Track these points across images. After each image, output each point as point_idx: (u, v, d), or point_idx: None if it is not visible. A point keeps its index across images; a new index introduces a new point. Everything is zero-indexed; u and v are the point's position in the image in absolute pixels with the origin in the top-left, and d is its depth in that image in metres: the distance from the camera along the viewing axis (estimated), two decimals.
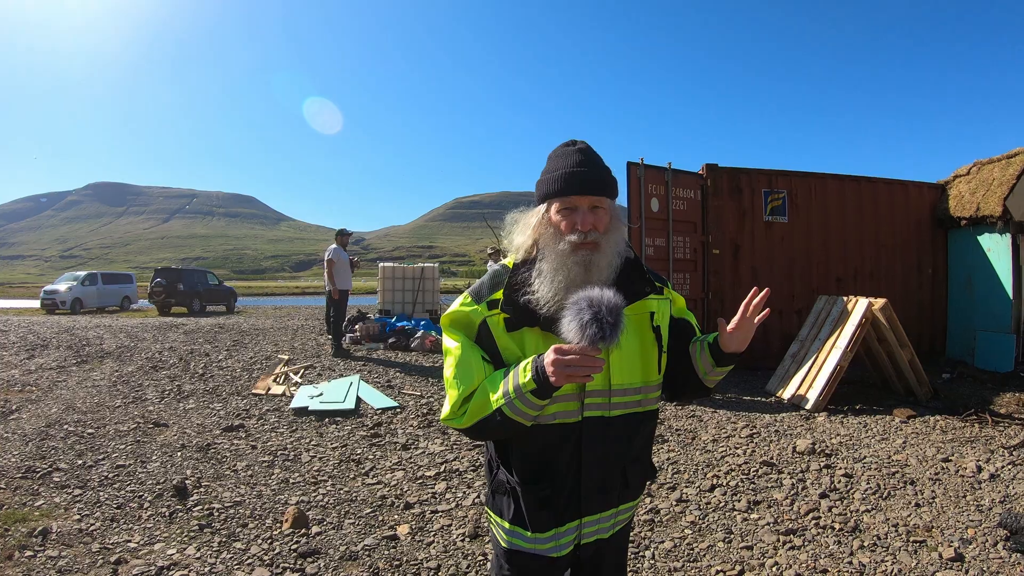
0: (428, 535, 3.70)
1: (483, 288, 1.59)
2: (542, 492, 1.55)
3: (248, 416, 6.26)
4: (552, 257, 1.50)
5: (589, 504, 1.58)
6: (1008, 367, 8.75)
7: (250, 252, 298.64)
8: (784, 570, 3.35)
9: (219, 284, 24.91)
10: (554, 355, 1.33)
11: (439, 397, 7.18)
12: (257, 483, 4.47)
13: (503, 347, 1.52)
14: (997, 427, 6.21)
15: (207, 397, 7.05)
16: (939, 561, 3.45)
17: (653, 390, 1.63)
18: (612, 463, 1.59)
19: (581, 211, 1.50)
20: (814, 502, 4.26)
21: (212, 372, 8.46)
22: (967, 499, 4.35)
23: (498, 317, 1.52)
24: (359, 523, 3.85)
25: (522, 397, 1.38)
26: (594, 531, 1.63)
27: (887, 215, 10.03)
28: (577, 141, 1.59)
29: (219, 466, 4.82)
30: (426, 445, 5.43)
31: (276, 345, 11.23)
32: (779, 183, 9.48)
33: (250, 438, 5.55)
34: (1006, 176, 9.14)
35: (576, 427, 1.53)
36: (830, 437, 5.83)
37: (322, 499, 4.20)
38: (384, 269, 15.70)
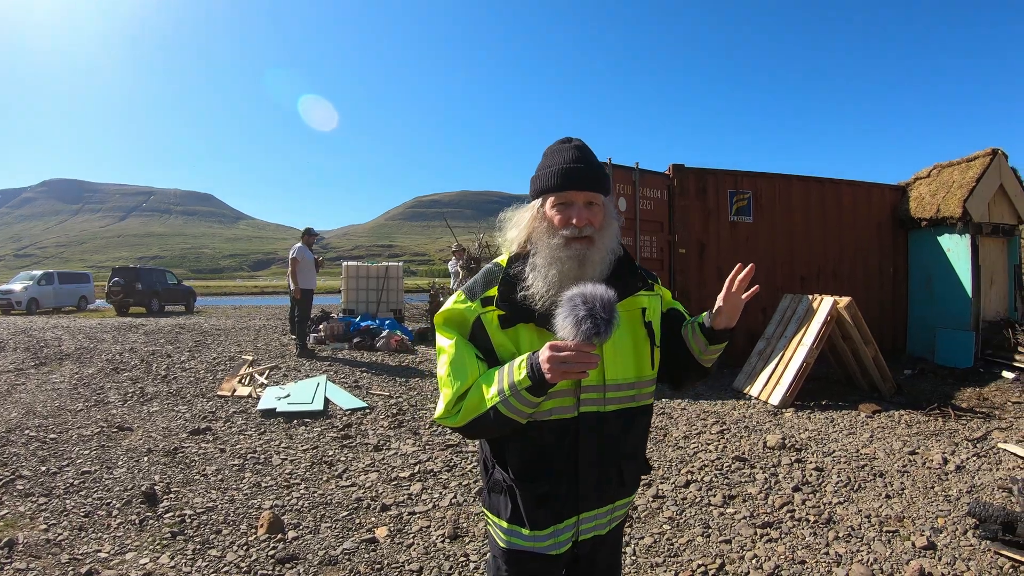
0: (407, 537, 3.64)
1: (476, 286, 1.59)
2: (540, 489, 1.54)
3: (215, 418, 6.11)
4: (545, 251, 1.51)
5: (587, 500, 1.58)
6: (968, 363, 9.03)
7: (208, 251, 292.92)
8: (764, 562, 3.39)
9: (178, 283, 24.35)
10: (549, 352, 1.33)
11: (408, 397, 7.12)
12: (228, 488, 4.35)
13: (498, 344, 1.52)
14: (960, 421, 6.39)
15: (171, 399, 6.86)
16: (912, 550, 3.54)
17: (646, 385, 1.63)
18: (608, 459, 1.58)
19: (576, 206, 1.51)
20: (788, 495, 4.33)
21: (175, 374, 8.25)
22: (935, 490, 4.47)
23: (492, 314, 1.52)
24: (336, 527, 3.76)
25: (517, 395, 1.38)
26: (591, 527, 1.62)
27: (850, 216, 10.24)
28: (572, 138, 1.59)
29: (188, 471, 4.68)
30: (398, 446, 5.36)
31: (239, 345, 11.05)
32: (744, 184, 9.60)
33: (218, 441, 5.40)
34: (966, 179, 9.43)
35: (572, 423, 1.53)
36: (799, 432, 5.93)
37: (296, 503, 4.10)
38: (348, 268, 15.52)
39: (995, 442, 5.62)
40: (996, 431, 6.00)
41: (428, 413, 6.43)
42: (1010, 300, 9.95)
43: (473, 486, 4.41)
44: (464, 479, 4.58)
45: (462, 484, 4.46)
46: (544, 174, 1.55)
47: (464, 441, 5.43)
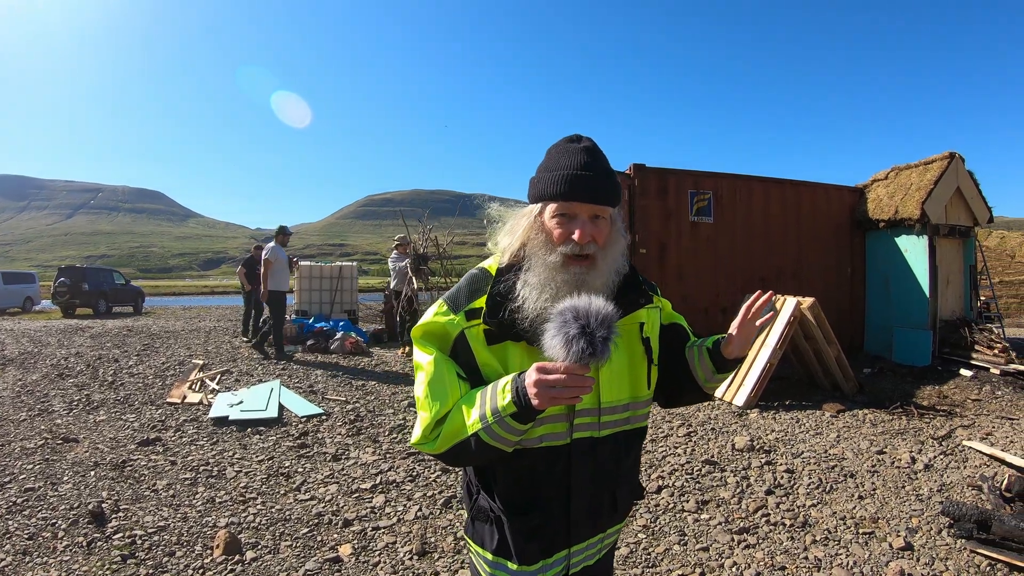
0: (373, 555, 3.44)
1: (460, 296, 1.41)
2: (531, 522, 1.40)
3: (164, 428, 5.78)
4: (540, 269, 1.34)
5: (579, 531, 1.45)
6: (926, 361, 9.20)
7: (157, 250, 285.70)
8: (744, 569, 3.32)
9: (126, 283, 23.50)
10: (536, 375, 1.18)
11: (365, 403, 6.91)
12: (181, 504, 4.07)
13: (483, 362, 1.36)
14: (923, 419, 6.47)
15: (119, 407, 6.50)
16: (890, 551, 3.52)
17: (642, 406, 1.50)
18: (601, 486, 1.45)
19: (580, 220, 1.33)
20: (761, 499, 4.27)
21: (122, 379, 7.86)
22: (906, 489, 4.47)
23: (478, 328, 1.36)
24: (297, 545, 3.53)
25: (501, 422, 1.23)
26: (582, 559, 1.50)
27: (809, 217, 10.31)
28: (582, 137, 1.41)
29: (137, 486, 4.37)
30: (357, 455, 5.14)
31: (189, 349, 10.69)
32: (705, 184, 9.57)
33: (168, 452, 5.09)
34: (924, 181, 9.61)
35: (564, 450, 1.38)
36: (766, 433, 5.90)
37: (253, 519, 3.85)
38: (301, 268, 15.16)
39: (960, 440, 5.68)
40: (960, 429, 6.08)
41: (387, 419, 6.22)
42: (966, 300, 10.20)
43: (439, 497, 4.23)
44: (428, 490, 4.39)
45: (427, 495, 4.28)
46: (546, 178, 1.36)
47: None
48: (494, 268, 1.44)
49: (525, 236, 1.39)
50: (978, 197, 10.04)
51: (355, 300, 15.70)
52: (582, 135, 1.41)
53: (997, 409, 7.00)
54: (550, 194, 1.34)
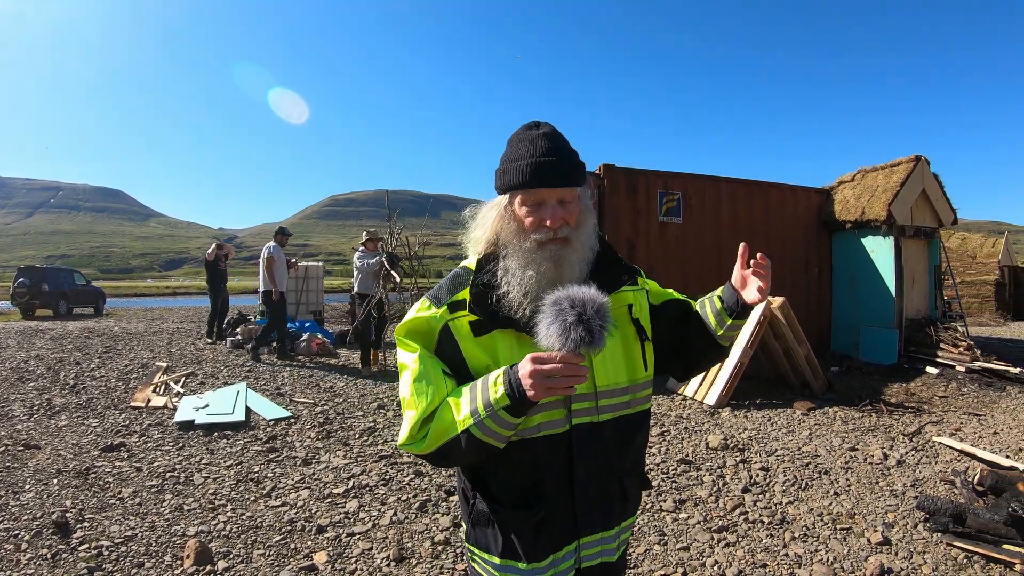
0: (349, 562, 3.34)
1: (442, 291, 1.41)
2: (536, 516, 1.35)
3: (128, 433, 5.60)
4: (517, 255, 1.34)
5: (587, 522, 1.40)
6: (892, 360, 9.38)
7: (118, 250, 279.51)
8: (726, 568, 3.31)
9: (87, 284, 22.90)
10: (532, 365, 1.15)
11: (334, 405, 6.80)
12: (148, 512, 3.91)
13: (470, 356, 1.33)
14: (892, 416, 6.59)
15: (81, 412, 6.28)
16: (869, 546, 3.56)
17: (641, 389, 1.47)
18: (608, 474, 1.42)
19: (549, 206, 1.33)
20: (738, 497, 4.28)
21: (84, 383, 7.64)
22: (880, 485, 4.53)
23: (463, 320, 1.34)
24: (270, 553, 3.41)
25: (494, 416, 1.20)
26: (597, 552, 1.44)
27: (777, 218, 10.44)
28: (541, 123, 1.40)
29: (102, 494, 4.19)
30: (328, 459, 5.02)
31: (152, 351, 10.47)
32: (674, 185, 9.61)
33: (133, 459, 4.91)
34: (890, 183, 9.81)
35: (564, 437, 1.35)
36: (739, 432, 5.94)
37: (224, 527, 3.71)
38: None
39: (930, 436, 5.80)
40: (929, 425, 6.21)
41: (357, 422, 6.12)
42: (930, 299, 10.45)
43: (413, 501, 4.15)
44: (402, 493, 4.30)
45: (401, 499, 4.19)
46: (511, 168, 1.35)
47: (399, 452, 5.16)
48: (473, 264, 1.42)
49: (498, 226, 1.39)
50: (943, 199, 10.29)
51: (321, 301, 15.55)
52: (540, 121, 1.41)
53: (964, 405, 7.17)
54: (516, 183, 1.34)
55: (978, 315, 20.02)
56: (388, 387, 7.81)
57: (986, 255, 22.53)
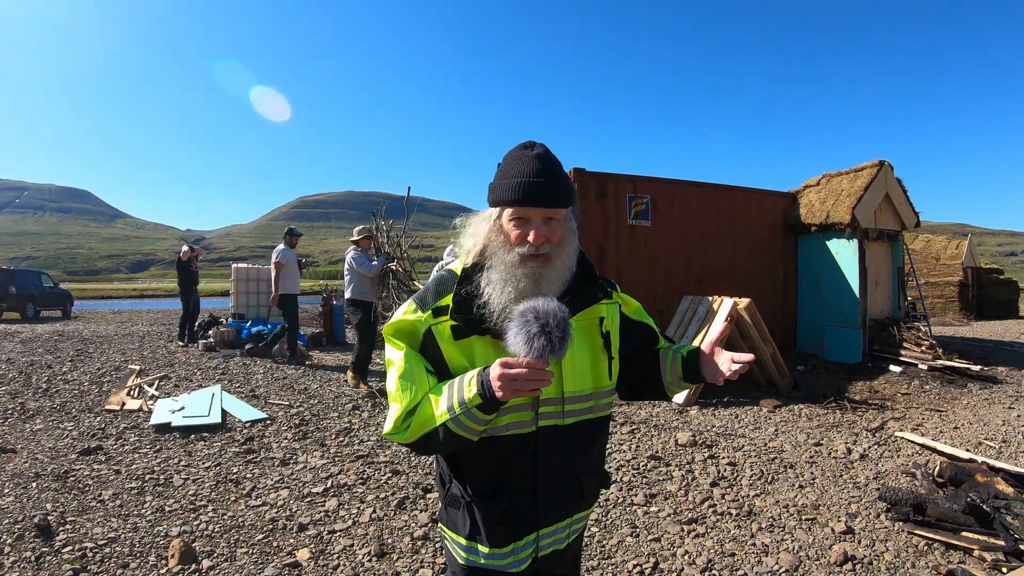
0: (332, 558, 3.40)
1: (428, 295, 1.52)
2: (500, 506, 1.49)
3: (105, 436, 5.58)
4: (501, 267, 1.45)
5: (547, 515, 1.53)
6: (856, 359, 9.65)
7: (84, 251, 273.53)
8: (696, 557, 3.44)
9: (54, 286, 22.41)
10: (500, 369, 1.28)
11: (309, 406, 6.84)
12: (129, 514, 3.93)
13: (449, 357, 1.46)
14: (856, 412, 6.81)
15: (56, 416, 6.23)
16: (833, 535, 3.73)
17: (604, 396, 1.60)
18: (569, 473, 1.55)
19: (534, 223, 1.44)
20: (707, 491, 4.43)
21: (57, 386, 7.55)
22: (844, 478, 4.72)
23: (444, 325, 1.46)
24: (253, 551, 3.46)
25: (468, 413, 1.33)
26: (551, 543, 1.58)
27: (743, 221, 10.61)
28: (535, 144, 1.50)
29: (82, 497, 4.20)
30: (306, 459, 5.07)
31: (124, 354, 10.37)
32: (643, 189, 9.71)
33: (112, 462, 4.91)
34: (854, 187, 10.09)
35: (531, 437, 1.48)
36: (707, 429, 6.11)
37: (206, 527, 3.75)
38: (238, 271, 14.75)
39: (892, 431, 6.03)
40: (891, 421, 6.45)
41: (332, 423, 6.17)
42: (894, 300, 10.77)
43: (391, 499, 4.22)
44: (381, 492, 4.37)
45: (379, 497, 4.26)
46: (502, 185, 1.45)
47: (375, 452, 5.24)
48: (459, 270, 1.53)
49: (486, 238, 1.49)
50: (906, 203, 10.61)
51: None
52: (535, 142, 1.50)
53: (926, 402, 7.43)
54: (506, 200, 1.44)
55: (942, 315, 20.56)
56: (363, 389, 7.84)
57: (950, 257, 23.14)
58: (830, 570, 3.32)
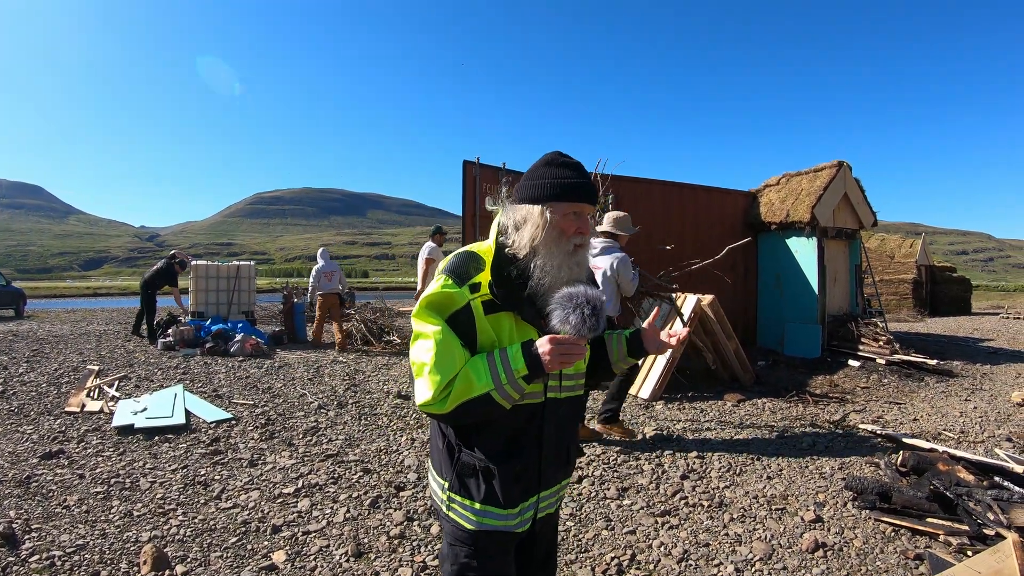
0: (308, 559, 3.36)
1: (462, 270, 1.63)
2: (515, 467, 1.67)
3: (66, 439, 5.41)
4: (558, 255, 1.63)
5: (547, 478, 1.74)
6: (816, 354, 9.91)
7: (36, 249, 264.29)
8: (671, 548, 3.51)
9: (7, 285, 21.59)
10: (551, 345, 1.48)
11: (274, 405, 6.75)
12: (97, 520, 3.81)
13: (481, 329, 1.60)
14: (818, 406, 7.01)
15: (14, 419, 6.03)
16: (803, 524, 3.84)
17: (582, 377, 1.83)
18: (561, 440, 1.76)
19: (584, 217, 1.67)
20: (677, 484, 4.51)
21: (14, 388, 7.31)
22: (809, 468, 4.85)
23: (479, 300, 1.60)
24: (228, 555, 3.40)
25: (513, 382, 1.51)
26: (547, 505, 1.79)
27: (705, 219, 10.77)
28: (566, 155, 1.71)
29: (47, 503, 4.06)
30: (274, 459, 5.00)
31: (81, 354, 10.11)
32: (608, 187, 9.87)
33: (75, 465, 4.76)
34: (814, 187, 10.36)
35: (540, 407, 1.69)
36: (673, 423, 6.21)
37: (177, 532, 3.66)
38: (197, 268, 14.43)
39: (854, 423, 6.21)
40: (852, 413, 6.65)
41: (299, 422, 6.09)
42: (851, 296, 11.08)
43: (364, 498, 4.18)
44: (353, 491, 4.33)
45: (352, 497, 4.22)
46: (555, 183, 1.64)
47: (344, 451, 5.20)
48: (485, 252, 1.69)
49: (540, 230, 1.63)
50: (863, 202, 10.92)
51: (253, 300, 15.22)
52: (564, 152, 1.72)
53: (885, 395, 7.68)
54: (563, 196, 1.64)
55: (897, 312, 21.18)
56: (328, 388, 7.77)
57: (904, 255, 23.88)
58: (802, 558, 3.42)
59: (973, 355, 11.32)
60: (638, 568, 3.31)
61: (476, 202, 8.50)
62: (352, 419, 6.23)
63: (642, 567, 3.32)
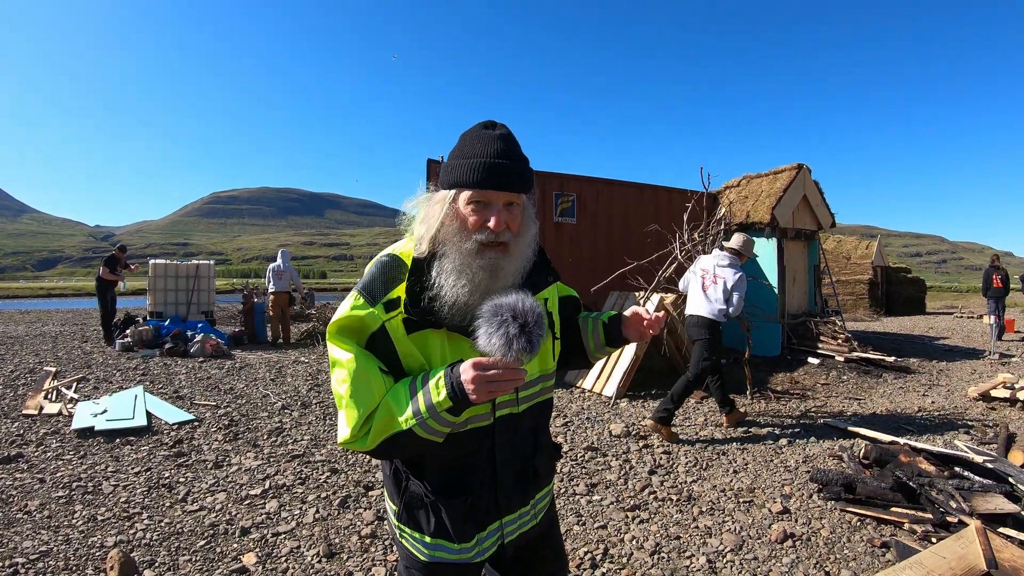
0: (279, 561, 3.32)
1: (375, 286, 1.37)
2: (466, 503, 1.46)
3: (25, 443, 5.25)
4: (455, 256, 1.34)
5: (508, 503, 1.52)
6: (776, 352, 10.13)
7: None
8: (643, 542, 3.56)
9: None
10: (474, 371, 1.21)
11: (237, 406, 6.67)
12: (60, 525, 3.71)
13: (404, 353, 1.35)
14: (780, 402, 7.18)
15: None
16: (771, 515, 3.95)
17: (550, 378, 1.59)
18: (523, 457, 1.54)
19: (495, 208, 1.33)
20: (646, 479, 4.58)
21: None
22: (775, 462, 4.97)
23: (397, 319, 1.34)
24: (197, 559, 3.34)
25: (436, 416, 1.25)
26: (516, 527, 1.57)
27: (666, 219, 10.75)
28: (497, 124, 1.41)
29: (7, 508, 3.94)
30: (239, 460, 4.93)
31: (38, 355, 9.91)
32: (569, 187, 9.82)
33: (34, 469, 4.62)
34: (774, 189, 10.58)
35: (489, 429, 1.45)
36: (638, 420, 6.29)
37: (143, 536, 3.58)
38: (155, 267, 14.14)
39: (816, 418, 6.38)
40: (813, 409, 6.82)
41: (262, 423, 6.02)
42: (810, 296, 11.34)
43: (333, 498, 4.16)
44: (321, 491, 4.30)
45: (321, 497, 4.19)
46: (461, 164, 1.34)
47: (311, 451, 5.16)
48: (407, 255, 1.41)
49: (440, 223, 1.36)
50: (822, 204, 11.20)
51: (212, 300, 14.98)
52: (496, 122, 1.41)
53: (845, 391, 7.90)
54: (465, 181, 1.33)
55: (853, 311, 21.73)
56: (291, 388, 7.68)
57: (860, 256, 24.51)
58: (772, 548, 3.51)
59: (929, 352, 11.72)
60: (611, 562, 3.35)
61: None
62: (317, 419, 6.18)
63: (615, 560, 3.36)
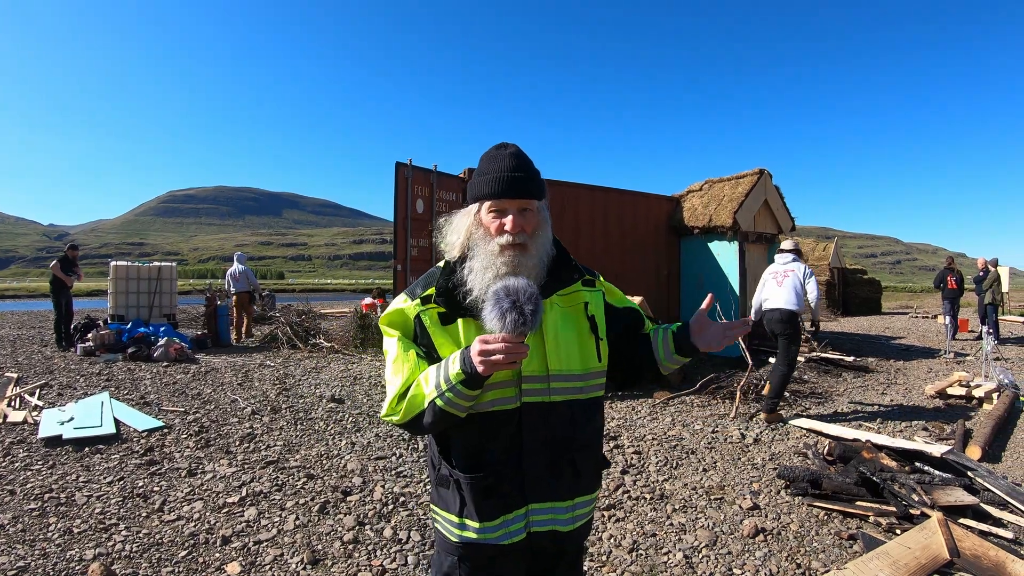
0: (264, 570, 3.33)
1: (417, 286, 1.66)
2: (485, 481, 1.57)
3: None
4: (482, 256, 1.58)
5: (535, 490, 1.59)
6: (738, 353, 10.38)
7: None
8: (621, 540, 3.69)
9: None
10: (479, 345, 1.39)
11: (206, 412, 6.60)
12: (35, 539, 3.64)
13: (439, 342, 1.57)
14: (744, 402, 7.38)
15: None
16: (742, 511, 4.11)
17: (594, 377, 1.67)
18: (559, 450, 1.60)
19: (510, 213, 1.57)
20: (618, 479, 4.71)
21: None
22: (742, 460, 5.16)
23: (432, 312, 1.58)
24: (180, 569, 3.32)
25: (453, 389, 1.44)
26: (547, 519, 1.61)
27: (631, 223, 11.07)
28: (508, 144, 1.65)
29: None
30: (214, 468, 4.89)
31: None
32: None
33: (3, 481, 4.51)
34: (736, 193, 10.86)
35: (515, 413, 1.56)
36: (607, 421, 6.44)
37: (123, 548, 3.54)
38: (116, 268, 13.77)
39: (780, 417, 6.58)
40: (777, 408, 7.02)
41: (233, 428, 5.98)
42: None
43: (312, 504, 4.17)
44: (299, 497, 4.30)
45: (299, 503, 4.19)
46: (480, 181, 1.61)
47: (285, 457, 5.15)
48: (443, 264, 1.68)
49: (468, 233, 1.63)
50: (783, 208, 11.53)
51: (175, 303, 14.67)
52: (508, 143, 1.66)
53: (806, 390, 8.19)
54: (484, 194, 1.60)
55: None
56: (259, 392, 7.61)
57: (817, 258, 25.09)
58: (745, 542, 3.67)
59: (886, 352, 12.16)
60: (591, 560, 3.46)
61: (408, 204, 8.51)
62: (288, 424, 6.15)
63: (595, 559, 3.47)
